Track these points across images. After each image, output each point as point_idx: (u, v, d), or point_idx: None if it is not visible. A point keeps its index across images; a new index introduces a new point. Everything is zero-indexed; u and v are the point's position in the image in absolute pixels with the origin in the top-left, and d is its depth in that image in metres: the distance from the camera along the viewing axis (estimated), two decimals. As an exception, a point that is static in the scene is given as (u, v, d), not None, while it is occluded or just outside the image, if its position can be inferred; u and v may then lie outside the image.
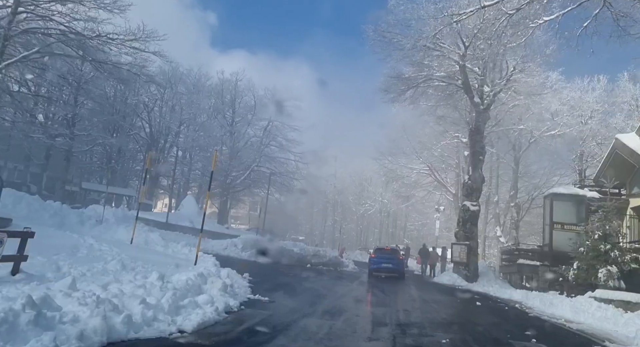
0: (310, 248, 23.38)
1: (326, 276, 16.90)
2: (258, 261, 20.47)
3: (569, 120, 27.95)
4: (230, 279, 8.75)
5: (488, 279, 19.75)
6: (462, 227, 20.24)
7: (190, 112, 38.71)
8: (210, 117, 39.61)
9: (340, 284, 14.57)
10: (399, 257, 21.77)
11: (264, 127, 40.63)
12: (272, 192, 44.27)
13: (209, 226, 26.57)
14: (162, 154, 34.19)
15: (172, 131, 37.63)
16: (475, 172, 20.10)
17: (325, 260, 23.52)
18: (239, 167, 31.21)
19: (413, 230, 75.63)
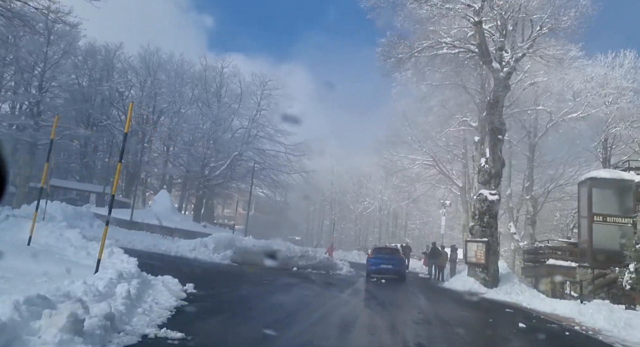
0: (298, 248, 19.84)
1: (311, 283, 13.36)
2: (233, 264, 16.95)
3: (594, 99, 24.40)
4: (125, 301, 5.20)
5: (512, 284, 16.18)
6: (478, 221, 16.69)
7: (171, 102, 35.13)
8: (194, 107, 35.99)
9: (325, 295, 11.02)
10: (400, 257, 19.73)
11: (251, 117, 37.06)
12: (261, 187, 40.72)
13: (183, 224, 23.06)
14: (140, 146, 30.60)
15: (150, 121, 34.03)
16: (494, 153, 16.55)
17: (315, 262, 19.99)
18: (218, 157, 27.64)
19: (414, 229, 72.11)
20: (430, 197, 63.87)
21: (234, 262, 17.36)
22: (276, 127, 37.80)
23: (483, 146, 25.41)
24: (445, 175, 33.97)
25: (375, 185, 64.89)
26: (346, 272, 20.65)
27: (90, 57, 36.39)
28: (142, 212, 23.76)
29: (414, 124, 33.42)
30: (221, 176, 25.76)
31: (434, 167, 34.48)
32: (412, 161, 34.49)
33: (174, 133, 29.34)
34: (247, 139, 36.37)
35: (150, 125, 30.95)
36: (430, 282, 19.69)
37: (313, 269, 19.72)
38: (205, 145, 27.02)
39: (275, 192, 41.61)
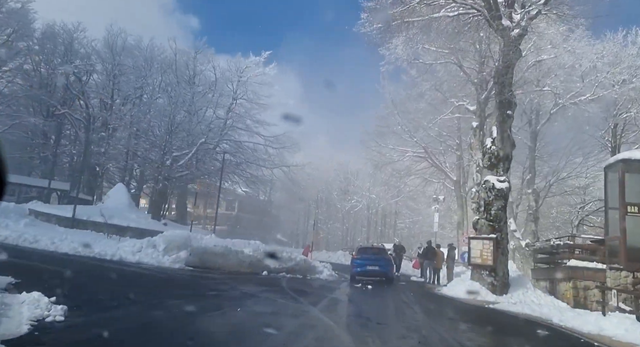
0: (269, 249, 16.77)
1: (277, 293, 10.31)
2: (186, 268, 13.85)
3: (606, 78, 21.72)
4: None
5: (524, 291, 13.34)
6: (484, 213, 13.81)
7: (137, 88, 31.77)
8: (164, 95, 32.64)
9: (288, 311, 7.98)
10: (387, 258, 17.86)
11: (227, 106, 33.85)
12: (239, 184, 37.55)
13: (140, 222, 19.83)
14: (96, 136, 27.21)
15: (114, 110, 30.63)
16: (503, 132, 13.66)
17: (290, 265, 16.95)
18: (182, 144, 24.37)
19: (404, 228, 69.34)
20: (420, 194, 61.13)
21: (189, 265, 14.27)
22: (254, 117, 34.70)
23: (482, 131, 22.65)
24: (438, 168, 31.18)
25: (363, 182, 62.04)
26: (327, 276, 17.65)
27: (49, 41, 32.94)
28: (93, 209, 20.48)
29: (403, 113, 30.59)
30: (185, 166, 22.55)
31: (426, 160, 31.67)
32: (402, 153, 31.63)
33: (137, 120, 25.99)
34: (222, 130, 33.19)
35: (112, 114, 27.57)
36: (425, 288, 16.77)
37: (288, 272, 16.71)
38: (166, 129, 23.73)
39: (256, 189, 38.54)
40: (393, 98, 30.59)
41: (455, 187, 30.90)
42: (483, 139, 22.72)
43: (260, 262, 16.34)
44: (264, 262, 16.40)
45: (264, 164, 35.58)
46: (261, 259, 16.33)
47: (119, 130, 26.69)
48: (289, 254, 17.12)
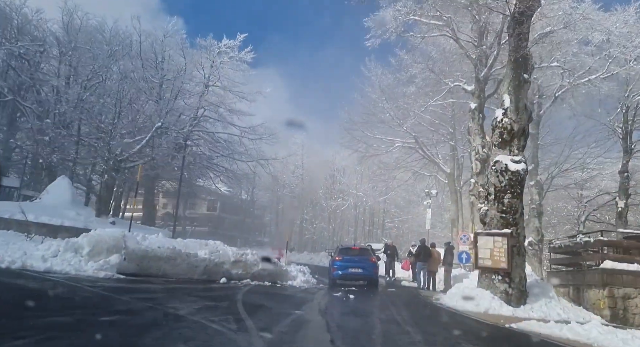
0: (230, 251, 13.71)
1: (214, 313, 7.26)
2: (116, 277, 10.74)
3: (622, 52, 19.06)
4: None
5: (547, 301, 10.50)
6: (494, 203, 10.95)
7: (98, 74, 28.37)
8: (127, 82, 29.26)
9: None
10: (371, 260, 15.78)
11: (199, 94, 30.64)
12: (212, 179, 34.37)
13: (79, 221, 16.58)
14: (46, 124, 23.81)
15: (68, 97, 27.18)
16: (518, 100, 10.80)
17: (257, 270, 13.93)
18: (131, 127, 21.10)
19: (392, 228, 66.58)
20: (410, 192, 58.47)
21: (122, 273, 11.15)
22: (229, 106, 31.53)
23: (482, 114, 19.88)
24: (430, 160, 28.39)
25: (349, 180, 59.20)
26: (301, 282, 14.66)
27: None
28: (29, 206, 17.17)
29: (391, 99, 27.73)
30: (139, 156, 19.40)
31: (417, 151, 28.89)
32: (390, 143, 28.76)
33: (90, 107, 22.60)
34: (193, 120, 29.99)
35: (64, 101, 24.18)
36: (420, 297, 13.84)
37: (253, 279, 13.69)
38: (114, 112, 20.44)
39: (235, 187, 35.37)
40: (380, 82, 27.73)
41: (449, 181, 28.17)
42: (482, 123, 19.96)
43: (219, 267, 13.28)
44: (223, 267, 13.35)
45: (240, 158, 32.45)
46: (219, 264, 13.27)
47: (67, 116, 23.31)
48: (254, 258, 14.06)
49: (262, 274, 14.09)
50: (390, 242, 21.49)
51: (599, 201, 26.74)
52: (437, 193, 27.95)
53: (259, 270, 14.05)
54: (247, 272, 13.79)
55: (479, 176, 19.14)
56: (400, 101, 26.91)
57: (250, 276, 13.80)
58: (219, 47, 30.66)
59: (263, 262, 13.86)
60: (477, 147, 19.24)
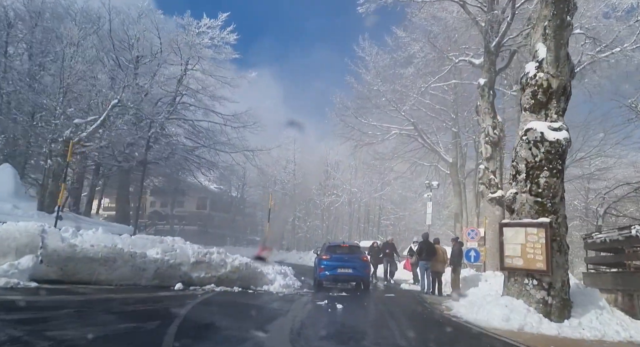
0: (190, 250, 11.01)
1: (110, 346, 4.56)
2: (20, 287, 8.02)
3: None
4: None
5: (597, 313, 7.91)
6: (526, 184, 8.30)
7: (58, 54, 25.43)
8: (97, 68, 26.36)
9: None
10: (363, 259, 14.40)
11: (177, 79, 27.86)
12: (192, 172, 31.61)
13: (13, 216, 13.84)
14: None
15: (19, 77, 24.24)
16: (557, 47, 8.16)
17: (223, 273, 11.27)
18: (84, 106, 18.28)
19: (388, 225, 64.04)
20: (407, 188, 55.99)
21: (37, 279, 8.45)
22: (210, 92, 28.77)
23: (492, 91, 17.27)
24: (430, 148, 25.80)
25: (344, 175, 56.58)
26: (280, 287, 11.99)
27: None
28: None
29: (388, 81, 25.08)
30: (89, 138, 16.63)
31: (416, 139, 26.28)
32: (386, 131, 26.13)
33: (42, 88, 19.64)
34: (170, 107, 27.24)
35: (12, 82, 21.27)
36: (427, 305, 11.16)
37: (219, 284, 11.02)
38: (58, 87, 17.49)
39: (214, 178, 32.54)
40: (375, 63, 25.07)
41: (451, 171, 25.59)
42: (493, 100, 17.37)
43: (175, 269, 10.59)
44: (180, 270, 10.66)
45: (223, 148, 29.70)
46: (175, 266, 10.58)
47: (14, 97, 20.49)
48: (220, 258, 11.36)
49: (231, 278, 11.43)
50: (390, 239, 18.71)
51: (617, 192, 24.20)
52: (438, 185, 25.34)
53: (228, 273, 11.38)
54: (211, 276, 11.12)
55: (489, 162, 16.57)
56: (398, 84, 24.25)
57: (215, 280, 11.13)
58: (198, 27, 27.89)
59: (256, 261, 12.44)
60: (487, 128, 16.66)
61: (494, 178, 16.47)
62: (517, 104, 21.30)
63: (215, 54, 28.20)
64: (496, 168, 16.61)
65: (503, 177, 16.93)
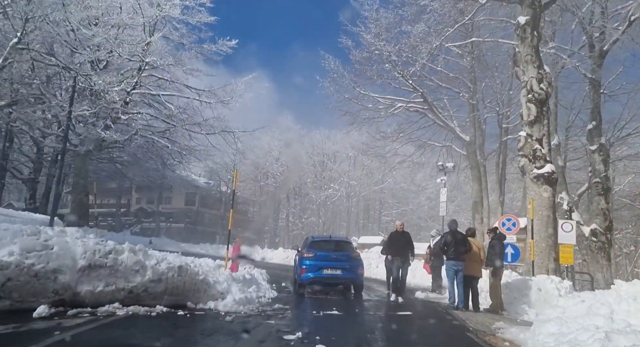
0: (80, 246, 6.73)
1: None
2: None
3: None
4: None
5: None
6: None
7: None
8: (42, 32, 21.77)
9: None
10: (354, 256, 11.40)
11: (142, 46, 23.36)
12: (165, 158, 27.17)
13: None
14: None
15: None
16: None
17: (143, 281, 6.92)
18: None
19: (389, 221, 59.74)
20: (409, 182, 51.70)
21: None
22: (182, 62, 24.29)
23: (536, 32, 12.93)
24: (443, 125, 21.44)
25: (342, 166, 52.25)
26: (233, 304, 7.64)
27: None
28: None
29: (393, 42, 20.71)
30: None
31: (425, 114, 21.93)
32: (390, 104, 21.79)
33: None
34: (133, 78, 22.78)
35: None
36: (472, 335, 6.71)
37: (131, 301, 6.69)
38: None
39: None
40: (377, 22, 20.62)
41: (469, 152, 21.27)
42: (538, 44, 13.03)
43: (46, 280, 6.25)
44: (57, 282, 6.32)
45: (199, 130, 25.28)
46: (45, 274, 6.23)
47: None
48: (134, 258, 7.01)
49: (152, 291, 7.10)
50: (399, 224, 11.97)
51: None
52: (454, 166, 20.94)
53: (146, 282, 7.04)
54: (117, 289, 6.78)
55: (533, 126, 12.28)
56: (404, 44, 19.88)
57: (124, 296, 6.80)
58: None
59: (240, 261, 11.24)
60: (530, 81, 12.34)
61: (539, 148, 12.16)
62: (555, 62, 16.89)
63: (186, 16, 23.73)
64: (543, 135, 12.29)
65: (553, 146, 12.67)
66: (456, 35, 20.01)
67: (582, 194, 19.26)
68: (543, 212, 11.83)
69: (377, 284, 14.43)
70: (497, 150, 21.70)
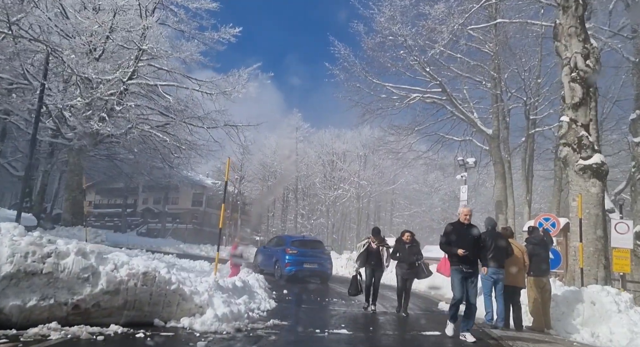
0: (6, 248, 5.11)
1: None
2: None
3: None
4: None
5: None
6: None
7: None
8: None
9: None
10: (326, 253, 14.48)
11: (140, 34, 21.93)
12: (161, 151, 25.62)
13: None
14: None
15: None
16: None
17: (95, 293, 5.28)
18: None
19: (401, 223, 57.79)
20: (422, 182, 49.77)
21: None
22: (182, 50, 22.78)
23: (581, 2, 11.11)
24: (464, 117, 19.65)
25: (352, 166, 50.31)
26: (213, 321, 5.95)
27: None
28: None
29: (407, 25, 18.99)
30: None
31: (443, 106, 20.18)
32: (405, 95, 20.05)
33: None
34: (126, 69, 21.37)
35: None
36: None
37: (72, 322, 5.04)
38: None
39: (181, 160, 26.51)
40: (392, 3, 18.88)
41: (492, 147, 19.42)
42: (583, 15, 11.21)
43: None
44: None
45: (199, 124, 23.76)
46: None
47: None
48: (83, 262, 5.37)
49: (108, 305, 5.47)
50: (410, 235, 10.47)
51: None
52: (475, 162, 19.09)
53: (99, 294, 5.40)
54: (58, 303, 5.14)
55: (578, 110, 10.47)
56: (422, 27, 18.14)
57: (67, 312, 5.16)
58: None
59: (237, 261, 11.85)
60: (575, 57, 10.54)
61: (586, 135, 10.34)
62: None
63: (185, 1, 22.25)
64: (590, 120, 10.47)
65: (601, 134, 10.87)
66: (479, 19, 18.31)
67: (619, 193, 17.31)
68: (590, 211, 10.00)
69: (391, 292, 12.65)
70: (524, 145, 19.82)
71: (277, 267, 13.73)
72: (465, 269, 6.49)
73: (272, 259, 14.20)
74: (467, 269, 6.50)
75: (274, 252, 14.37)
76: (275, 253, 14.21)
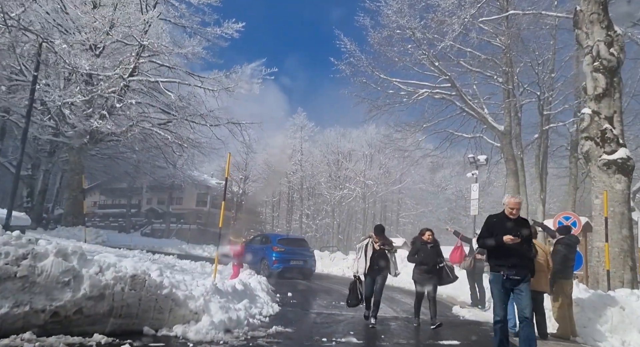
0: None
1: None
2: None
3: None
4: None
5: None
6: None
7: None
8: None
9: None
10: (310, 251, 15.53)
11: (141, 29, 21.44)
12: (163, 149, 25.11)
13: None
14: None
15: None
16: None
17: (75, 297, 4.70)
18: None
19: (407, 223, 57.16)
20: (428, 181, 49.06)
21: None
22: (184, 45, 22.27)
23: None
24: (474, 113, 18.99)
25: (357, 165, 49.63)
26: (209, 329, 5.40)
27: None
28: None
29: (416, 17, 18.37)
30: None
31: (452, 102, 19.54)
32: (412, 91, 19.43)
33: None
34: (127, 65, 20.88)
35: None
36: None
37: (50, 331, 4.47)
38: None
39: (183, 158, 25.95)
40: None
41: (503, 144, 18.73)
42: (606, 1, 10.56)
43: None
44: None
45: (202, 121, 23.24)
46: None
47: None
48: (63, 265, 4.82)
49: (91, 312, 4.91)
50: (427, 235, 9.70)
51: None
52: (487, 159, 18.40)
53: (80, 300, 4.83)
54: (34, 310, 4.58)
55: (601, 101, 9.84)
56: (431, 19, 17.51)
57: (45, 320, 4.61)
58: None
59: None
60: (598, 45, 9.89)
61: (610, 128, 9.71)
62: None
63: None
64: (614, 112, 9.83)
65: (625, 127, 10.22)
66: (491, 11, 17.66)
67: (638, 191, 16.60)
68: (615, 209, 9.35)
69: (401, 294, 12.05)
70: (537, 142, 19.12)
71: (264, 264, 14.09)
72: (510, 276, 4.90)
73: (257, 256, 14.34)
74: (513, 276, 4.91)
75: (259, 250, 14.67)
76: (260, 250, 14.57)
